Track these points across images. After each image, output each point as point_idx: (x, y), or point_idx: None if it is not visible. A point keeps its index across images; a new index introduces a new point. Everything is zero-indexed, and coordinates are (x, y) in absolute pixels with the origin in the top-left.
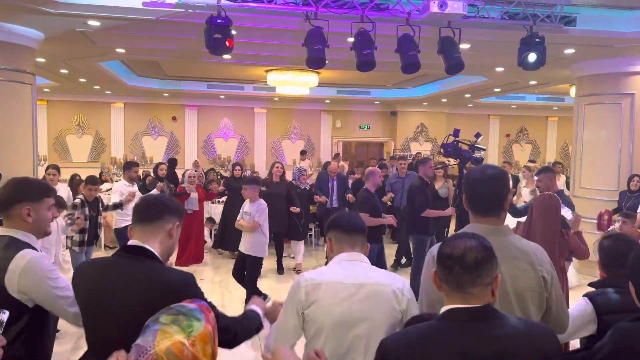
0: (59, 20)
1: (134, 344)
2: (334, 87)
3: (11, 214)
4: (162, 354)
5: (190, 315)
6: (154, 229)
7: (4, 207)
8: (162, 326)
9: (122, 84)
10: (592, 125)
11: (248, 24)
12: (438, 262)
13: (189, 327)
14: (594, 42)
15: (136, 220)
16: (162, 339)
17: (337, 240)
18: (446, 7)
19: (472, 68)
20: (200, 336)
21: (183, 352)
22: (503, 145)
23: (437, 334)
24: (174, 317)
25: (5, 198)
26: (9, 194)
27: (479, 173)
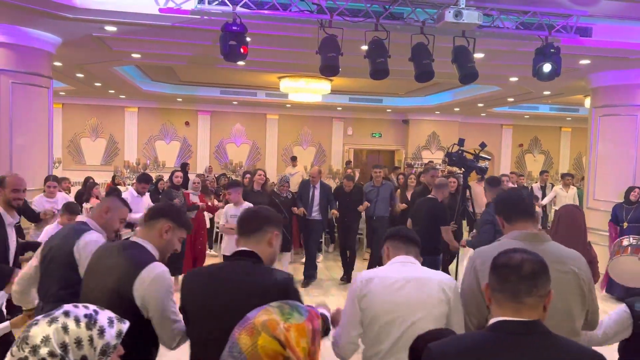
0: (77, 25)
1: (245, 317)
2: (346, 94)
3: (152, 225)
4: (258, 324)
5: (294, 307)
6: (256, 239)
7: (152, 217)
8: (268, 306)
9: (137, 89)
10: (607, 137)
11: (263, 31)
12: (493, 272)
13: (289, 314)
14: (609, 54)
15: (240, 231)
16: (263, 314)
17: (394, 248)
18: (461, 17)
19: (486, 77)
20: (296, 326)
21: (276, 329)
22: (516, 155)
23: (488, 345)
24: (280, 304)
25: (155, 211)
26: (157, 208)
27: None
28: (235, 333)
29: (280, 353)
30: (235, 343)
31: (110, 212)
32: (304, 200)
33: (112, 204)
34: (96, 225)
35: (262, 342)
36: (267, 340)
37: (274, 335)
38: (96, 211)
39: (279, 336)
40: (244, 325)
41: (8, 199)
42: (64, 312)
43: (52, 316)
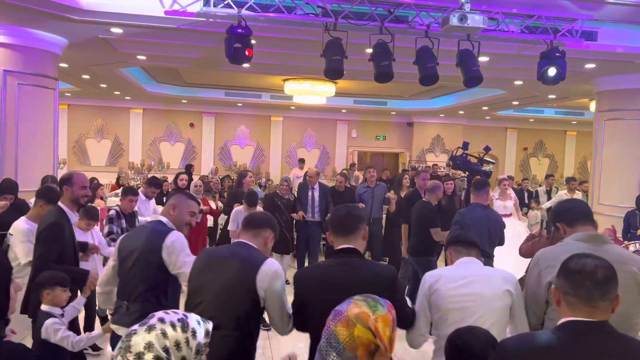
0: (83, 27)
1: (334, 310)
2: (350, 97)
3: (259, 234)
4: (352, 317)
5: (377, 301)
6: (354, 237)
7: (260, 226)
8: (355, 300)
9: (142, 90)
10: (612, 141)
11: (268, 34)
12: (567, 278)
13: (374, 307)
14: (615, 58)
15: (336, 231)
16: (354, 307)
17: (456, 252)
18: (466, 20)
19: (491, 81)
20: (382, 317)
21: (368, 320)
22: (520, 158)
23: (560, 343)
24: (364, 297)
25: (265, 220)
26: (269, 219)
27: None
28: (331, 325)
29: (372, 341)
30: (333, 334)
31: (177, 209)
32: (302, 202)
33: (178, 201)
34: (170, 223)
35: (357, 332)
36: (362, 330)
37: (367, 326)
38: (164, 210)
39: (370, 326)
40: (339, 318)
41: (76, 197)
42: (159, 319)
43: (148, 324)
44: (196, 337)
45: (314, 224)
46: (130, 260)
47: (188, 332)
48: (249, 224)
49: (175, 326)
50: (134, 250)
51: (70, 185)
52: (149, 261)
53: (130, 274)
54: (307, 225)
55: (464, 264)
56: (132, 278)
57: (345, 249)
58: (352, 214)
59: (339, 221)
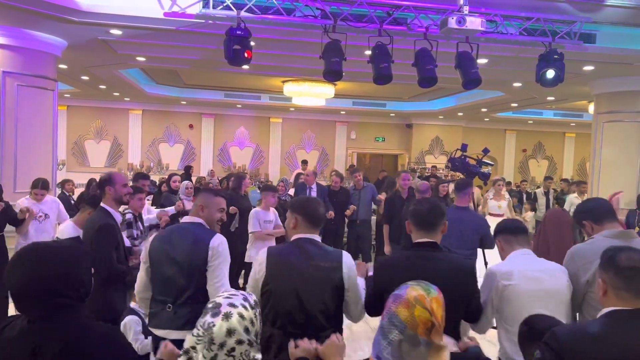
0: (83, 28)
1: (392, 294)
2: (349, 98)
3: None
4: (411, 299)
5: (429, 285)
6: (434, 232)
7: (321, 221)
8: (411, 285)
9: (141, 91)
10: (611, 143)
11: (267, 36)
12: (617, 274)
13: (427, 290)
14: (613, 60)
15: (418, 225)
16: (412, 290)
17: (506, 242)
18: (464, 23)
19: (489, 83)
20: (435, 299)
21: (425, 302)
22: (519, 160)
23: (611, 331)
24: (418, 282)
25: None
26: (324, 213)
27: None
28: (392, 307)
29: (429, 320)
30: (394, 314)
31: (206, 209)
32: None
33: (205, 200)
34: (205, 224)
35: (417, 312)
36: (421, 310)
37: (425, 306)
38: (195, 210)
39: (427, 307)
40: (400, 300)
41: (119, 195)
42: (229, 305)
43: (223, 313)
44: (256, 310)
45: None
46: (172, 264)
47: (255, 308)
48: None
49: (246, 306)
50: (177, 254)
51: (112, 184)
52: (196, 265)
53: (174, 278)
54: None
55: (523, 256)
56: (177, 282)
57: (426, 243)
58: (435, 210)
59: (422, 216)
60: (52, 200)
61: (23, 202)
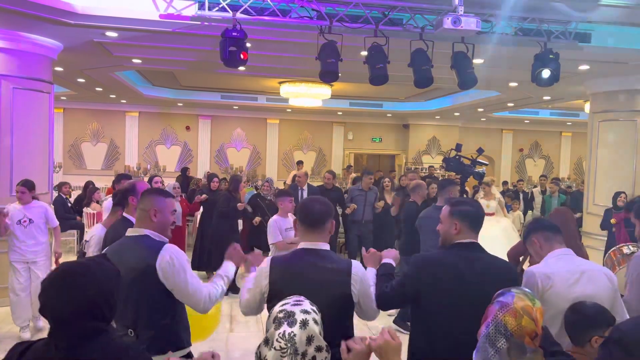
0: (78, 31)
1: (496, 300)
2: (346, 99)
3: (324, 228)
4: (519, 309)
5: (533, 295)
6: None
7: (320, 222)
8: (517, 294)
9: (138, 94)
10: (606, 142)
11: (263, 37)
12: None
13: (532, 300)
14: (608, 59)
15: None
16: (519, 300)
17: (545, 239)
18: (460, 23)
19: (486, 83)
20: (539, 309)
21: (531, 313)
22: (516, 160)
23: None
24: (522, 291)
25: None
26: (323, 210)
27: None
28: (499, 315)
29: (534, 330)
30: (501, 323)
31: (158, 214)
32: None
33: (156, 204)
34: (156, 234)
35: (524, 322)
36: (528, 321)
37: (531, 317)
38: (144, 218)
39: (534, 317)
40: (507, 309)
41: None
42: (302, 311)
43: (300, 320)
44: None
45: None
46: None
47: (318, 313)
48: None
49: (316, 311)
50: (127, 273)
51: (135, 195)
52: (147, 283)
53: (129, 299)
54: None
55: (564, 256)
56: (132, 303)
57: (469, 243)
58: (481, 211)
59: (474, 216)
60: (38, 206)
61: (9, 206)
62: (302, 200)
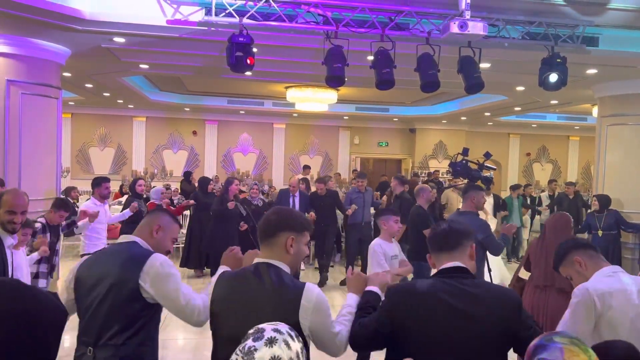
0: (86, 37)
1: (538, 358)
2: (352, 103)
3: (275, 242)
4: None
5: (583, 343)
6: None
7: (270, 234)
8: (564, 345)
9: (145, 99)
10: (615, 146)
11: (269, 42)
12: None
13: (586, 350)
14: (616, 63)
15: (437, 249)
16: (571, 355)
17: (589, 257)
18: (466, 28)
19: (492, 87)
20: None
21: None
22: (523, 164)
23: None
24: (568, 339)
25: (272, 225)
26: (276, 221)
27: None
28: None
29: None
30: None
31: (161, 231)
32: None
33: (164, 222)
34: (147, 245)
35: None
36: None
37: None
38: (144, 229)
39: None
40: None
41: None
42: (274, 330)
43: (266, 338)
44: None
45: None
46: (94, 293)
47: (300, 342)
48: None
49: (292, 336)
50: (102, 280)
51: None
52: (123, 293)
53: (98, 311)
54: None
55: (614, 274)
56: (100, 316)
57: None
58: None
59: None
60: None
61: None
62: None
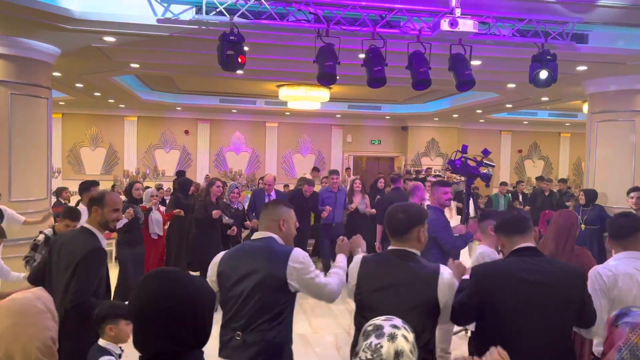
0: (76, 36)
1: (622, 322)
2: (345, 102)
3: (408, 237)
4: None
5: None
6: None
7: (403, 231)
8: None
9: (136, 98)
10: (605, 142)
11: (260, 41)
12: None
13: None
14: (606, 60)
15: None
16: None
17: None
18: (457, 25)
19: (483, 84)
20: None
21: None
22: (515, 161)
23: None
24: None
25: (404, 223)
26: (406, 219)
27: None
28: (632, 337)
29: None
30: (636, 346)
31: (286, 224)
32: (258, 210)
33: (286, 215)
34: (280, 239)
35: None
36: None
37: None
38: (272, 225)
39: None
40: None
41: (106, 220)
42: (392, 326)
43: (387, 334)
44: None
45: None
46: (242, 285)
47: (412, 332)
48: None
49: (407, 328)
50: (250, 274)
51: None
52: (271, 286)
53: (247, 301)
54: None
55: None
56: (248, 306)
57: (527, 248)
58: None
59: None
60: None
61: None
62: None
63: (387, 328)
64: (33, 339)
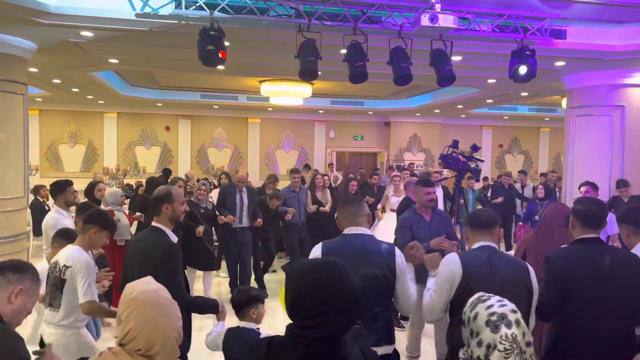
0: (52, 31)
1: None
2: (327, 97)
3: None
4: None
5: None
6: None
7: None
8: None
9: (116, 94)
10: (583, 137)
11: (242, 36)
12: None
13: None
14: (584, 55)
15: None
16: None
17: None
18: (437, 20)
19: (464, 80)
20: None
21: None
22: (496, 155)
23: None
24: None
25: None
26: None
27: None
28: None
29: None
30: None
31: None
32: (229, 206)
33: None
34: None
35: None
36: None
37: None
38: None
39: None
40: None
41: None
42: (512, 311)
43: (514, 320)
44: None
45: (243, 230)
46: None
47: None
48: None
49: (515, 308)
50: (369, 271)
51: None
52: (384, 282)
53: (367, 295)
54: (236, 233)
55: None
56: (368, 299)
57: (594, 238)
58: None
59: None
60: None
61: None
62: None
63: (511, 315)
64: (170, 328)
